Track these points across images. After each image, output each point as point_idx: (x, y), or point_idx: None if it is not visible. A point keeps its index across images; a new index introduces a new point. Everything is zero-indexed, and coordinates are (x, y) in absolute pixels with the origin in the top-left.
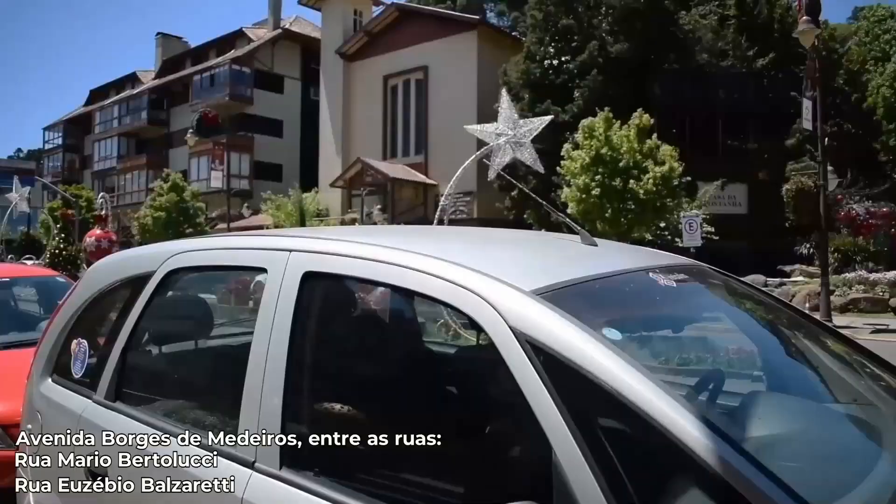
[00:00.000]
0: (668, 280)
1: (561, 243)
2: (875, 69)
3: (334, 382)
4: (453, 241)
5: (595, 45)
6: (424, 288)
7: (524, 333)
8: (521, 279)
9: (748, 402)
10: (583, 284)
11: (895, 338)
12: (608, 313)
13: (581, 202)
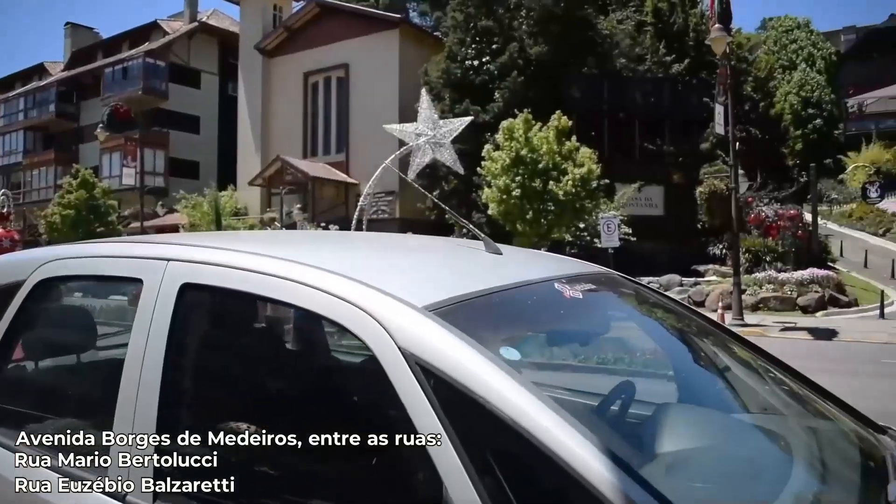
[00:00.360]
0: (574, 291)
1: (463, 252)
2: (783, 77)
3: (216, 407)
4: (347, 248)
5: (515, 47)
6: (304, 302)
7: (414, 355)
8: (413, 293)
9: (658, 416)
10: (481, 298)
11: (803, 335)
12: (507, 330)
13: (502, 203)
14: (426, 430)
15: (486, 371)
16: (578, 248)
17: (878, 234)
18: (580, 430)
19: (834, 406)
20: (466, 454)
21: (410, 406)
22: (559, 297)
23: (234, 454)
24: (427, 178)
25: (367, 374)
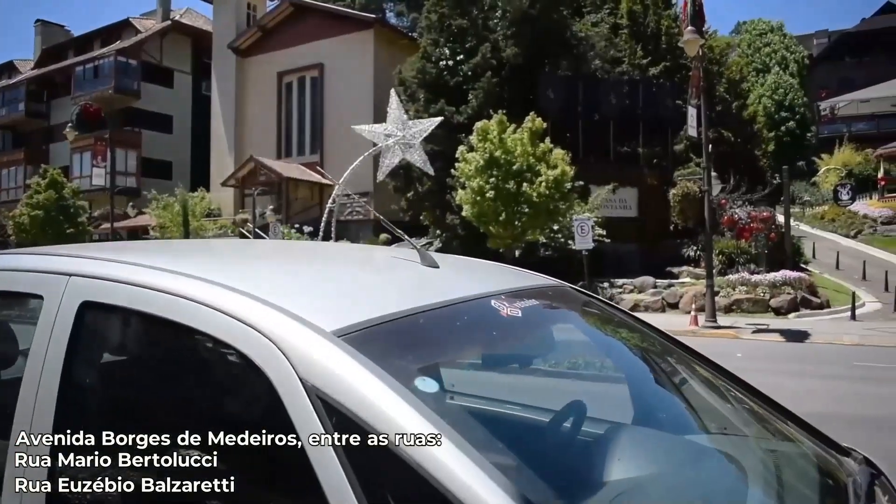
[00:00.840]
0: (513, 308)
1: (395, 265)
2: (756, 80)
3: (120, 442)
4: (266, 261)
5: (489, 48)
6: (199, 323)
7: (316, 388)
8: (325, 315)
9: (608, 439)
10: (403, 320)
11: (775, 337)
12: (431, 355)
13: (476, 205)
14: (326, 475)
15: (393, 407)
16: (553, 249)
17: (850, 235)
18: (498, 480)
19: (796, 427)
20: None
21: (308, 447)
22: (495, 315)
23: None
24: (401, 179)
25: (267, 407)
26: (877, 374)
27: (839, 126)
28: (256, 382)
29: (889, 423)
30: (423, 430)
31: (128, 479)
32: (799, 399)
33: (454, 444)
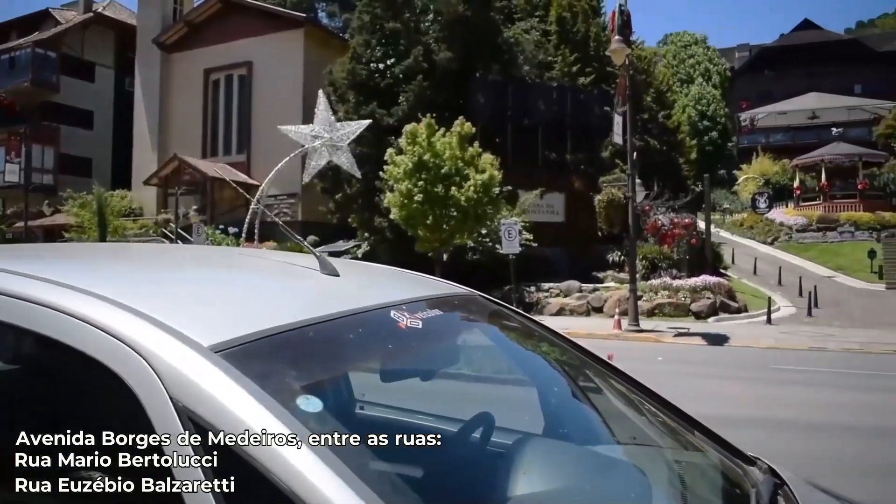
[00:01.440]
0: (413, 319)
1: (292, 272)
2: (681, 90)
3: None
4: (145, 268)
5: (420, 51)
6: (64, 336)
7: (188, 408)
8: (204, 328)
9: (516, 451)
10: (290, 334)
11: (696, 340)
12: (316, 372)
13: (404, 207)
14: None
15: (270, 431)
16: (480, 253)
17: (767, 242)
18: None
19: (703, 436)
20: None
21: (179, 473)
22: (392, 327)
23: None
24: (329, 180)
25: (136, 431)
26: (791, 377)
27: (758, 137)
28: (125, 402)
29: (801, 427)
30: (301, 455)
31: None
32: (717, 402)
33: (338, 476)
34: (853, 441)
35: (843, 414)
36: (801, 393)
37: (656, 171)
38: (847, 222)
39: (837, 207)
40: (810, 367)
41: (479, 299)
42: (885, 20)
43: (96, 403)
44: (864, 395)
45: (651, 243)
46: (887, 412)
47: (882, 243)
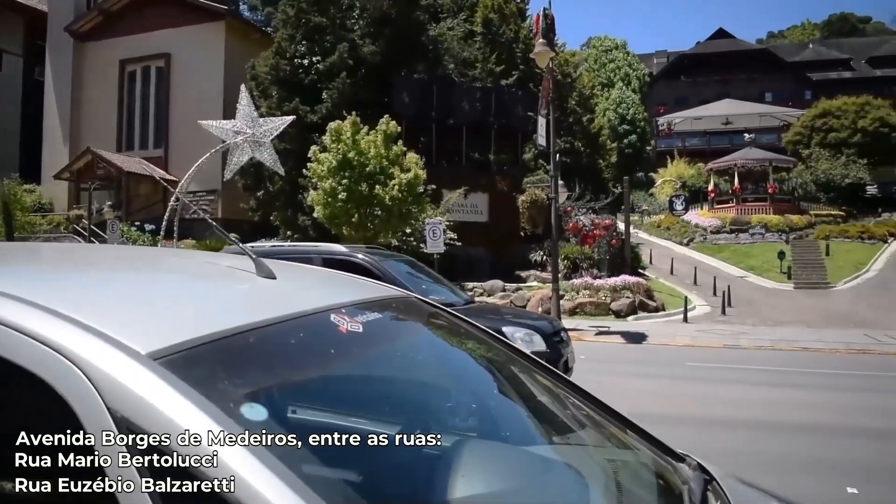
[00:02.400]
0: (353, 323)
1: (229, 275)
2: (602, 94)
3: None
4: (75, 270)
5: (346, 48)
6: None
7: (126, 419)
8: (141, 334)
9: (454, 453)
10: (231, 339)
11: (617, 339)
12: (259, 379)
13: (327, 206)
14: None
15: (215, 441)
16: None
17: (683, 243)
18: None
19: (635, 434)
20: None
21: (118, 489)
22: (333, 331)
23: None
24: (251, 177)
25: (72, 444)
26: (707, 374)
27: (675, 141)
28: (59, 414)
29: (719, 422)
30: (249, 465)
31: None
32: (638, 399)
33: (278, 477)
34: (770, 436)
35: (758, 409)
36: (717, 389)
37: (578, 173)
38: (758, 224)
39: (749, 210)
40: (725, 365)
41: (416, 301)
42: (794, 31)
43: (26, 417)
44: (776, 391)
45: (573, 243)
46: (798, 407)
47: (790, 245)
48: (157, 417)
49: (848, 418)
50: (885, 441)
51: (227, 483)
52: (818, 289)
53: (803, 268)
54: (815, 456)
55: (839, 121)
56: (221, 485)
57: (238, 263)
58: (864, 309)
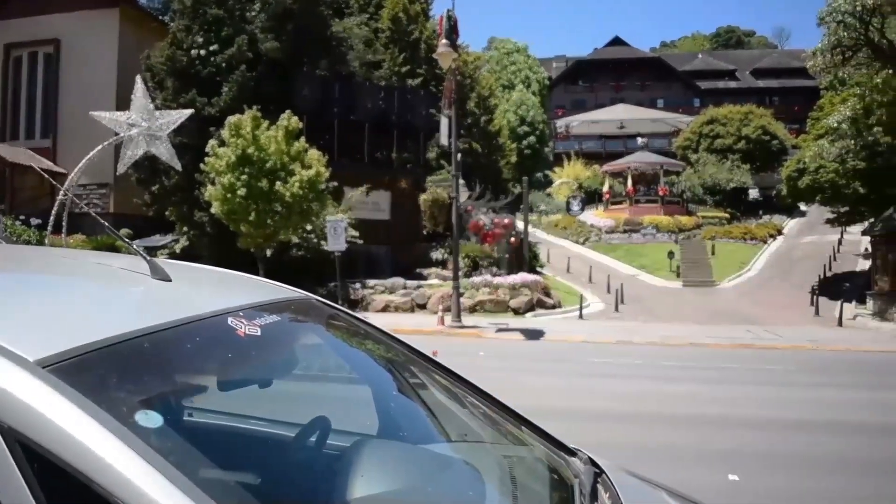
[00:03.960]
0: (251, 326)
1: (123, 276)
2: (503, 95)
3: None
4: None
5: (245, 40)
6: None
7: (14, 430)
8: (27, 341)
9: (353, 453)
10: (122, 345)
11: (516, 336)
12: (154, 385)
13: (226, 202)
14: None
15: (108, 450)
16: (305, 250)
17: (580, 242)
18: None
19: (529, 431)
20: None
21: (7, 501)
22: (231, 334)
23: None
24: (145, 171)
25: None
26: (601, 370)
27: (572, 143)
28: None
29: (612, 416)
30: (142, 473)
31: None
32: (536, 395)
33: (173, 483)
34: (660, 428)
35: (649, 403)
36: (611, 384)
37: (479, 173)
38: (650, 225)
39: (642, 211)
40: (618, 360)
41: (315, 303)
42: (685, 42)
43: None
44: (666, 385)
45: (473, 242)
46: (686, 400)
47: (679, 245)
48: (46, 427)
49: (731, 409)
50: (764, 430)
51: (120, 491)
52: (704, 287)
53: (691, 267)
54: (701, 446)
55: (725, 128)
56: (114, 493)
57: (131, 265)
58: (746, 306)
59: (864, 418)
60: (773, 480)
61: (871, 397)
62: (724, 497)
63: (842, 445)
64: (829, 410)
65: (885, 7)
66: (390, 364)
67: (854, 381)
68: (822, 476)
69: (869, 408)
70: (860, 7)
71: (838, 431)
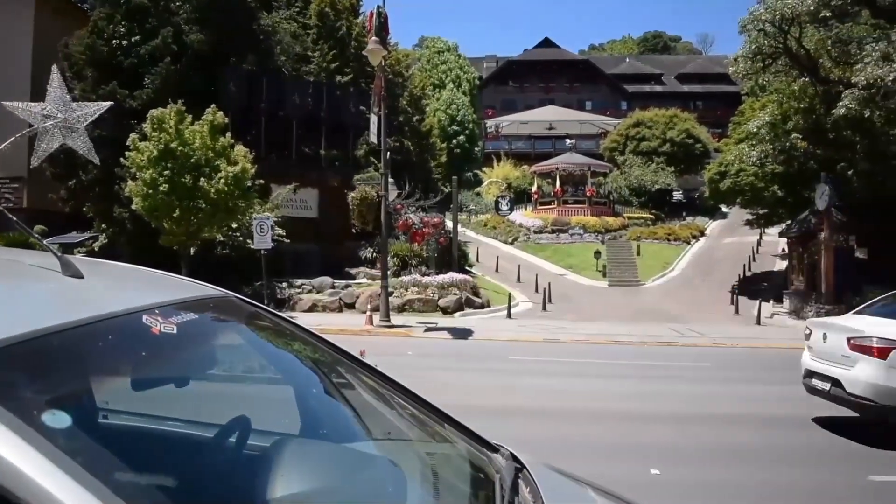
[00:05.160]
0: (167, 324)
1: (31, 272)
2: (433, 94)
3: None
4: None
5: (170, 32)
6: None
7: None
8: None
9: (274, 453)
10: (29, 343)
11: (444, 335)
12: (62, 384)
13: (148, 198)
14: None
15: (14, 453)
16: (231, 248)
17: (509, 242)
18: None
19: (452, 428)
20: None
21: None
22: (145, 332)
23: None
24: (61, 165)
25: None
26: (528, 368)
27: (502, 143)
28: None
29: (541, 413)
30: (51, 477)
31: None
32: (463, 393)
33: (84, 486)
34: (586, 424)
35: (576, 399)
36: (537, 382)
37: (409, 172)
38: (577, 225)
39: (569, 212)
40: (545, 358)
41: (234, 301)
42: (614, 45)
43: None
44: (592, 382)
45: (402, 241)
46: (612, 396)
47: (605, 245)
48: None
49: (654, 405)
50: (685, 425)
51: (25, 493)
52: (630, 286)
53: (617, 266)
54: (625, 441)
55: (651, 131)
56: (18, 495)
57: (42, 261)
58: (669, 304)
59: (777, 412)
60: (692, 473)
61: (785, 392)
62: (646, 490)
63: (758, 438)
64: (747, 405)
65: (802, 17)
66: (314, 363)
67: (770, 378)
68: (739, 468)
69: (781, 402)
70: (779, 16)
71: (754, 425)
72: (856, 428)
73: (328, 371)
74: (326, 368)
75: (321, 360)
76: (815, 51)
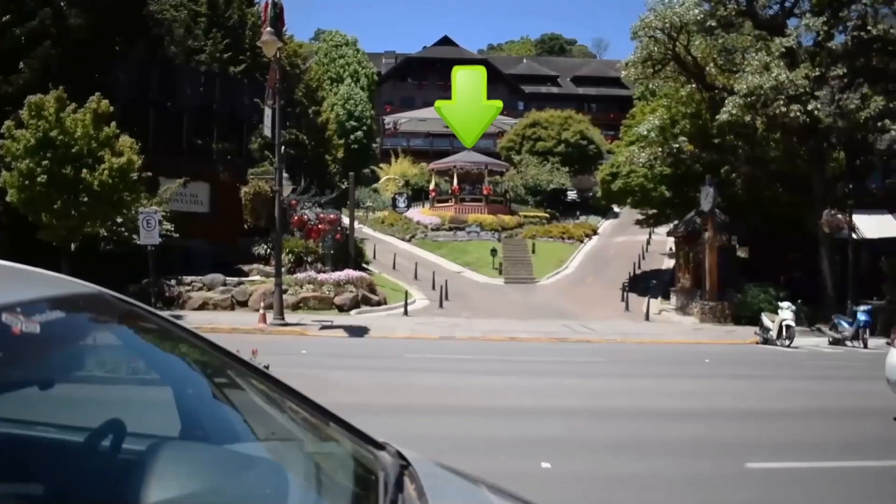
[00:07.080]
0: (30, 323)
1: None
2: (331, 89)
3: None
4: None
5: (49, 14)
6: None
7: None
8: None
9: (150, 456)
10: None
11: (340, 333)
12: None
13: (24, 189)
14: None
15: None
16: (115, 244)
17: (406, 239)
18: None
19: (338, 427)
20: None
21: None
22: (4, 332)
23: None
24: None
25: None
26: (423, 365)
27: (400, 140)
28: None
29: (434, 410)
30: None
31: None
32: (356, 391)
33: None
34: (479, 420)
35: (469, 396)
36: (431, 379)
37: (305, 167)
38: (474, 223)
39: (467, 210)
40: (440, 355)
41: (107, 298)
42: (512, 46)
43: None
44: (485, 378)
45: (297, 237)
46: (504, 392)
47: (502, 243)
48: None
49: (545, 400)
50: (574, 418)
51: None
52: (525, 283)
53: (513, 264)
54: (516, 436)
55: (546, 131)
56: None
57: None
58: (563, 301)
59: (664, 404)
60: (582, 466)
61: (671, 385)
62: (536, 483)
63: (645, 430)
64: (634, 398)
65: (690, 26)
66: (194, 364)
67: (657, 371)
68: (628, 460)
69: (668, 395)
70: (669, 24)
71: (641, 417)
72: (728, 420)
73: (210, 372)
74: (208, 369)
75: (203, 361)
76: (702, 58)
